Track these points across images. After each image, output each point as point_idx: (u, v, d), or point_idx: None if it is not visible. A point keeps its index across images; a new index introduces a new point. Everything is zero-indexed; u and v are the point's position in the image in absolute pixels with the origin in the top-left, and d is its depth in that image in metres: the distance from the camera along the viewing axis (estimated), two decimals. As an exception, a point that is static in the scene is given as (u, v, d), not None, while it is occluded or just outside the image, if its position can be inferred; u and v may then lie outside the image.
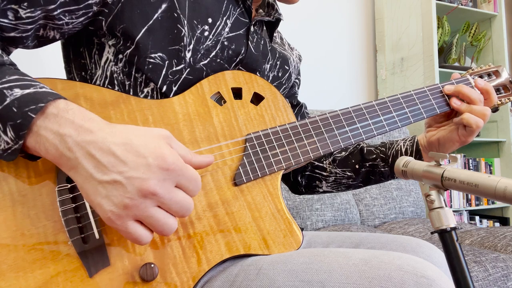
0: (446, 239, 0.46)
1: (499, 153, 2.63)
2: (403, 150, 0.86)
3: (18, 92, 0.46)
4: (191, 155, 0.51)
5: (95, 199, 0.45)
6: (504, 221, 2.62)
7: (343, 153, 0.93)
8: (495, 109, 0.87)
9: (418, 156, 0.85)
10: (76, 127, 0.46)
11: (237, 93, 0.69)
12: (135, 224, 0.47)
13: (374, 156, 0.89)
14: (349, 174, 0.92)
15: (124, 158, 0.45)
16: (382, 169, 0.89)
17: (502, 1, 2.65)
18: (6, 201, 0.49)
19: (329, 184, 0.94)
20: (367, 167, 0.90)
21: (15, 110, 0.45)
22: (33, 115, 0.45)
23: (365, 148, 0.91)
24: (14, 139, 0.46)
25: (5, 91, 0.46)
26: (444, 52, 2.64)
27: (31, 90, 0.47)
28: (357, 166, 0.91)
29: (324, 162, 0.94)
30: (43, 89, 0.48)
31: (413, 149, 0.86)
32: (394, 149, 0.88)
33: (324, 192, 0.97)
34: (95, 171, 0.45)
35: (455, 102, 0.80)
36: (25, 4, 0.54)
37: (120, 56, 0.63)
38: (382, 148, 0.90)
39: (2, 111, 0.45)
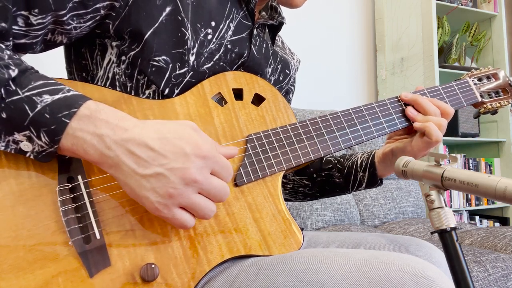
0: (446, 239, 0.46)
1: (499, 153, 2.63)
2: (359, 162, 0.85)
3: (48, 98, 0.48)
4: (218, 146, 0.55)
5: (140, 193, 0.48)
6: (504, 221, 2.62)
7: None
8: (494, 112, 0.87)
9: (372, 169, 0.82)
10: (112, 126, 0.48)
11: (238, 94, 0.69)
12: (180, 210, 0.51)
13: (331, 166, 0.88)
14: (306, 182, 0.90)
15: (163, 152, 0.48)
16: (337, 180, 0.87)
17: (502, 1, 2.65)
18: (7, 201, 0.49)
19: (287, 192, 0.93)
20: (323, 176, 0.88)
21: (47, 116, 0.47)
22: (67, 121, 0.47)
23: (325, 158, 0.90)
24: (48, 143, 0.48)
25: (34, 98, 0.48)
26: (444, 52, 2.64)
27: (61, 95, 0.49)
28: (314, 175, 0.89)
29: None
30: (71, 93, 0.50)
31: (367, 161, 0.84)
32: (351, 161, 0.86)
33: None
34: (137, 166, 0.48)
35: (411, 112, 0.76)
36: (36, 10, 0.54)
37: (123, 57, 0.63)
38: (341, 159, 0.88)
39: (34, 117, 0.47)
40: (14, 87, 0.48)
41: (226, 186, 0.53)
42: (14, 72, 0.48)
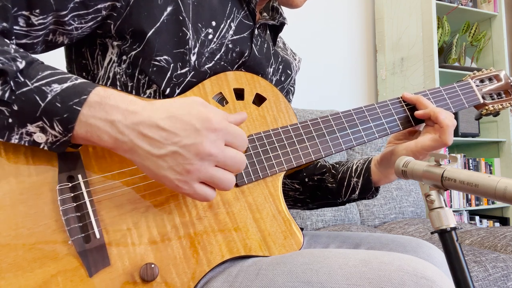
0: (446, 239, 0.46)
1: (499, 153, 2.63)
2: (354, 168, 0.83)
3: (57, 87, 0.48)
4: (227, 115, 0.54)
5: (159, 173, 0.49)
6: (504, 221, 2.62)
7: None
8: (496, 113, 0.87)
9: (367, 174, 0.81)
10: (122, 111, 0.49)
11: (239, 93, 0.69)
12: (200, 185, 0.51)
13: (325, 170, 0.86)
14: (296, 186, 0.89)
15: (174, 130, 0.49)
16: (329, 185, 0.85)
17: (502, 1, 2.65)
18: (7, 200, 0.49)
19: None
20: (315, 181, 0.87)
21: (59, 105, 0.47)
22: (79, 108, 0.48)
23: (319, 163, 0.88)
24: (62, 132, 0.48)
25: (43, 88, 0.48)
26: (444, 52, 2.64)
27: (69, 83, 0.49)
28: (306, 179, 0.88)
29: None
30: (78, 81, 0.50)
31: (363, 166, 0.82)
32: (346, 166, 0.85)
33: None
34: (151, 147, 0.48)
35: (419, 111, 0.76)
36: (37, 10, 0.54)
37: (124, 57, 0.63)
38: (336, 165, 0.87)
39: (46, 107, 0.47)
40: (23, 79, 0.48)
41: (242, 156, 0.53)
42: (21, 64, 0.48)
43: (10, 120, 0.47)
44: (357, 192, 0.83)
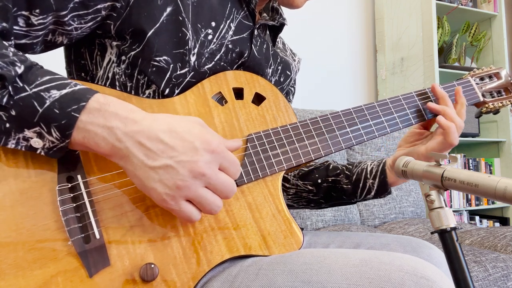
0: (446, 239, 0.46)
1: (499, 153, 2.63)
2: (369, 169, 0.84)
3: (56, 93, 0.48)
4: (224, 140, 0.55)
5: (149, 184, 0.49)
6: (504, 221, 2.62)
7: (310, 167, 0.91)
8: (496, 111, 0.87)
9: (383, 176, 0.82)
10: (121, 118, 0.49)
11: (239, 93, 0.69)
12: (187, 203, 0.51)
13: (338, 171, 0.87)
14: (310, 188, 0.89)
15: (173, 144, 0.49)
16: (344, 186, 0.86)
17: (502, 1, 2.65)
18: (7, 201, 0.49)
19: (289, 197, 0.92)
20: (330, 182, 0.87)
21: (57, 111, 0.47)
22: (77, 115, 0.48)
23: (331, 165, 0.89)
24: (60, 138, 0.48)
25: (42, 93, 0.48)
26: (444, 52, 2.64)
27: (68, 90, 0.49)
28: (319, 181, 0.88)
29: (289, 173, 0.91)
30: (78, 87, 0.50)
31: (378, 169, 0.83)
32: (360, 168, 0.85)
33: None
34: (146, 158, 0.48)
35: (433, 105, 0.79)
36: (37, 11, 0.54)
37: (123, 57, 0.63)
38: (349, 166, 0.87)
39: (44, 113, 0.47)
40: (21, 84, 0.48)
41: (233, 183, 0.53)
42: (20, 69, 0.48)
43: (7, 125, 0.47)
44: (373, 193, 0.84)
